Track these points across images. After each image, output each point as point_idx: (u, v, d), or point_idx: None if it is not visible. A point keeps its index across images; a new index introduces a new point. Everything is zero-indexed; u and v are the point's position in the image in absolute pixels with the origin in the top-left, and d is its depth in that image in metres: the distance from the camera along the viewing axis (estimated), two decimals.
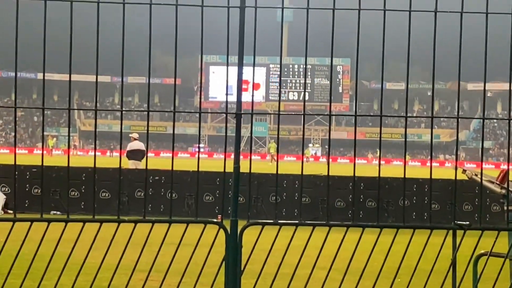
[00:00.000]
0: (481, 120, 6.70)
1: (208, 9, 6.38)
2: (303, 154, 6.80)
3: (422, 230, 7.10)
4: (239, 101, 6.44)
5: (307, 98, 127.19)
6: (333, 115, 6.66)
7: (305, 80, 5.96)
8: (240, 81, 6.39)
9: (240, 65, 6.39)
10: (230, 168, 6.95)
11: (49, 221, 6.60)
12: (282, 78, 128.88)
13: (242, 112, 6.46)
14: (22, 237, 6.69)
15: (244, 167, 7.02)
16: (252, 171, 7.34)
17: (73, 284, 6.87)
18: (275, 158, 76.98)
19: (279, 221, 6.74)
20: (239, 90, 6.42)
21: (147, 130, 7.13)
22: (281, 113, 6.64)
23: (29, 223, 6.76)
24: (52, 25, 6.52)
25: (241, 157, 6.87)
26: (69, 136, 7.14)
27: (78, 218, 6.65)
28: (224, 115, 6.48)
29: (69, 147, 6.97)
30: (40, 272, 6.79)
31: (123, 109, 6.69)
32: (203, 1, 6.34)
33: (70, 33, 6.19)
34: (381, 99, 6.72)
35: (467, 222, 7.04)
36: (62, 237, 6.70)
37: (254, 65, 6.43)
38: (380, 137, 6.46)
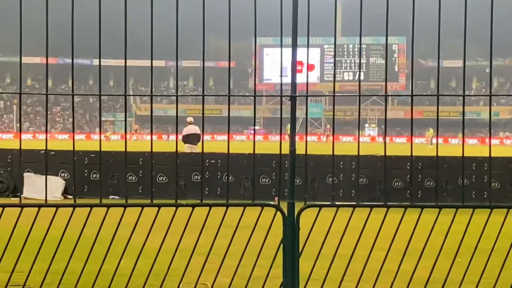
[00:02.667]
0: None
1: None
2: (359, 134, 6.75)
3: (482, 209, 7.01)
4: (293, 84, 6.41)
5: (362, 78, 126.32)
6: (388, 95, 6.58)
7: (359, 60, 5.78)
8: (294, 63, 6.36)
9: (294, 46, 6.35)
10: (285, 150, 6.94)
11: (108, 206, 6.68)
12: (336, 59, 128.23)
13: (297, 94, 6.43)
14: (81, 222, 6.78)
15: (300, 149, 7.00)
16: (308, 152, 7.32)
17: (133, 267, 6.95)
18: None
19: (336, 203, 6.71)
20: (294, 72, 6.38)
21: (203, 114, 7.15)
22: (336, 94, 6.58)
23: (88, 208, 6.85)
24: (107, 11, 6.56)
25: (297, 138, 6.86)
26: (125, 122, 7.19)
27: (136, 203, 6.71)
28: (276, 98, 6.46)
29: (126, 131, 7.03)
30: (101, 256, 6.88)
31: (178, 94, 6.71)
32: None
33: (125, 20, 6.24)
34: (438, 78, 6.62)
35: None
36: (122, 221, 6.78)
37: (308, 46, 6.39)
38: (438, 116, 6.37)
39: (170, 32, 6.62)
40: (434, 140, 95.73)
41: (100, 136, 6.45)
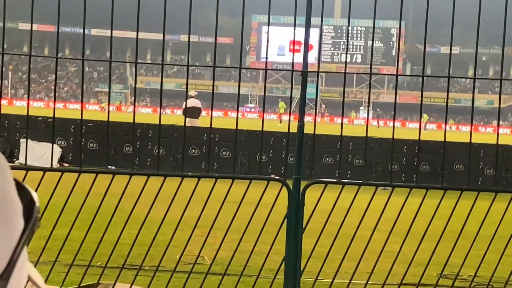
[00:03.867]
0: None
1: None
2: (368, 118, 6.74)
3: (472, 194, 7.04)
4: (305, 61, 6.39)
5: (359, 60, 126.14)
6: (400, 75, 6.57)
7: (347, 43, 5.74)
8: (307, 41, 6.33)
9: (308, 26, 6.33)
10: (273, 127, 6.92)
11: (114, 173, 6.67)
12: (334, 40, 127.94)
13: (308, 70, 6.41)
14: (82, 190, 6.75)
15: (294, 128, 6.96)
16: (305, 131, 7.29)
17: (135, 238, 6.95)
18: (280, 119, 75.52)
19: (343, 180, 6.72)
20: (306, 49, 6.36)
21: (187, 86, 7.11)
22: (347, 72, 6.57)
23: (87, 176, 6.83)
24: None
25: (292, 117, 6.83)
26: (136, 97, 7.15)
27: (143, 172, 6.71)
28: (274, 76, 6.44)
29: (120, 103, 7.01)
30: (104, 224, 6.87)
31: (164, 63, 6.68)
32: None
33: None
34: (450, 62, 6.61)
35: None
36: (124, 191, 6.76)
37: (321, 24, 6.36)
38: (448, 100, 6.37)
39: (168, 5, 6.57)
40: (428, 126, 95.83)
41: (108, 107, 6.42)
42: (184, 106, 27.07)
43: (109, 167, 21.24)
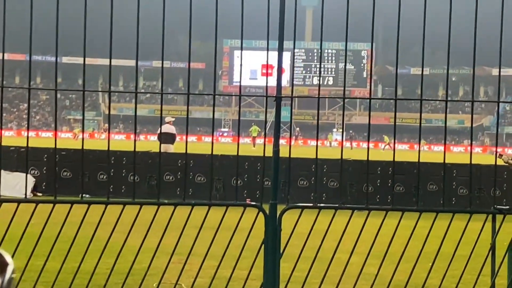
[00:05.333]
0: (506, 105, 6.61)
1: None
2: (343, 139, 6.76)
3: (448, 215, 7.07)
4: (279, 85, 6.41)
5: (331, 82, 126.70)
6: (373, 98, 6.61)
7: (320, 65, 5.75)
8: (280, 65, 6.35)
9: (280, 50, 6.36)
10: (247, 152, 6.92)
11: (89, 203, 6.63)
12: (306, 63, 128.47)
13: (282, 95, 6.42)
14: (54, 220, 6.69)
15: (268, 152, 6.95)
16: (280, 155, 7.29)
17: (112, 267, 6.90)
18: (254, 142, 75.65)
19: (319, 205, 6.73)
20: (279, 74, 6.38)
21: (160, 114, 7.10)
22: (321, 96, 6.59)
23: (67, 205, 6.78)
24: (80, 9, 6.51)
25: (260, 141, 6.84)
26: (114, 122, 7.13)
27: (118, 200, 6.67)
28: (247, 100, 6.45)
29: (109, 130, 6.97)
30: (80, 254, 6.82)
31: (137, 91, 6.68)
32: None
33: (110, 19, 6.19)
34: (422, 84, 6.66)
35: (507, 207, 6.99)
36: (98, 219, 6.72)
37: (294, 48, 6.39)
38: (420, 121, 6.41)
39: (141, 32, 6.57)
40: (400, 146, 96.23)
41: (83, 135, 6.39)
42: (159, 132, 27.02)
43: (84, 195, 21.10)
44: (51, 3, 6.57)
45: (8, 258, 1.36)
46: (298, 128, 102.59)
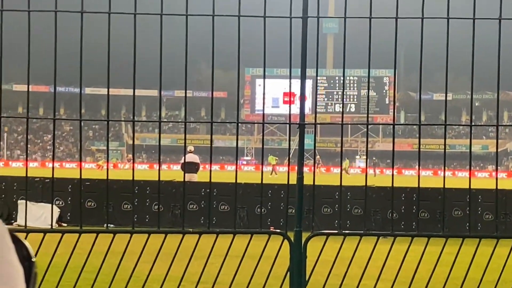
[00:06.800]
0: None
1: (250, 23, 6.34)
2: (367, 166, 6.75)
3: (474, 240, 7.01)
4: (302, 112, 6.42)
5: (353, 109, 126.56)
6: (397, 124, 6.60)
7: (343, 92, 5.77)
8: (303, 92, 6.36)
9: (303, 77, 6.37)
10: (268, 179, 6.91)
11: (114, 232, 6.64)
12: (327, 90, 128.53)
13: (305, 122, 6.43)
14: (79, 250, 6.71)
15: (290, 180, 6.95)
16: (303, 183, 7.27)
17: None
18: (276, 170, 75.72)
19: (344, 231, 6.70)
20: (302, 102, 6.39)
21: (185, 142, 7.13)
22: (344, 123, 6.59)
23: (91, 234, 6.80)
24: (103, 40, 6.57)
25: (280, 169, 6.83)
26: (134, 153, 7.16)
27: (143, 230, 6.68)
28: (270, 128, 6.45)
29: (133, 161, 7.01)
30: (106, 284, 6.82)
31: (161, 120, 6.70)
32: (265, 13, 6.32)
33: (133, 52, 6.24)
34: (445, 109, 6.65)
35: None
36: (118, 248, 6.73)
37: (317, 75, 6.40)
38: (445, 147, 6.39)
39: (163, 63, 6.60)
40: (424, 173, 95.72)
41: (107, 165, 6.42)
42: (182, 161, 27.09)
43: (111, 225, 21.16)
44: (73, 34, 6.64)
45: (30, 249, 1.38)
46: (318, 156, 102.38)
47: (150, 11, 6.46)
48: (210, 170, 6.79)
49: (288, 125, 6.53)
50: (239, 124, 6.61)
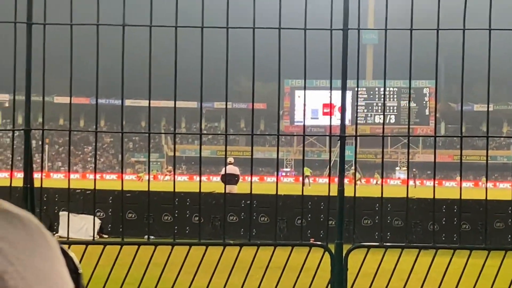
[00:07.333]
0: None
1: (287, 34, 6.34)
2: (408, 177, 6.71)
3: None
4: (343, 124, 6.41)
5: (393, 121, 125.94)
6: (438, 136, 6.56)
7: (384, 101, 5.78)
8: (344, 104, 6.36)
9: (344, 89, 6.36)
10: (308, 191, 6.89)
11: (155, 244, 6.68)
12: (367, 101, 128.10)
13: (346, 134, 6.42)
14: (120, 261, 6.74)
15: (331, 191, 6.92)
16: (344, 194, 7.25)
17: None
18: (310, 181, 75.54)
19: (385, 244, 6.67)
20: (343, 113, 6.38)
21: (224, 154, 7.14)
22: (385, 135, 6.57)
23: (133, 247, 6.84)
24: (144, 53, 6.62)
25: (319, 180, 6.82)
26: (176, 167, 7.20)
27: (185, 242, 6.71)
28: (309, 139, 6.44)
29: (148, 171, 7.04)
30: None
31: (202, 132, 6.72)
32: (305, 25, 6.32)
33: (174, 64, 6.28)
34: (488, 120, 6.60)
35: None
36: (157, 260, 6.75)
37: (357, 87, 6.40)
38: (487, 160, 6.33)
39: (204, 74, 6.63)
40: (465, 184, 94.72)
41: (148, 177, 6.46)
42: (222, 172, 27.13)
43: (151, 237, 21.22)
44: (113, 47, 6.70)
45: (77, 262, 1.40)
46: (358, 167, 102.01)
47: (190, 23, 6.50)
48: (251, 183, 6.80)
49: (328, 137, 6.52)
50: (297, 134, 6.61)
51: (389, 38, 6.69)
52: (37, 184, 7.33)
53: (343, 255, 6.70)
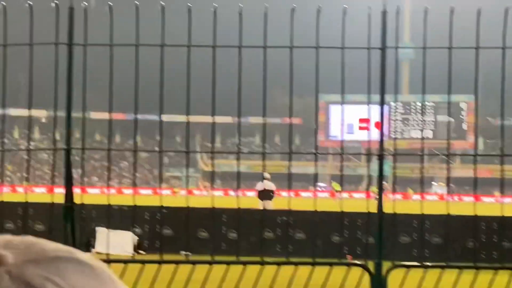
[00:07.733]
0: None
1: (324, 50, 6.31)
2: (448, 194, 6.61)
3: None
4: (381, 142, 6.35)
5: (430, 136, 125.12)
6: (478, 155, 6.48)
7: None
8: (382, 120, 6.29)
9: (382, 104, 6.30)
10: (345, 207, 6.83)
11: (194, 262, 6.66)
12: (404, 116, 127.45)
13: (385, 153, 6.36)
14: (149, 278, 6.74)
15: (358, 207, 6.87)
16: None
17: None
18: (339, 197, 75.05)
19: (425, 263, 6.58)
20: (382, 131, 6.32)
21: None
22: (424, 154, 6.49)
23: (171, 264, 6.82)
24: (181, 68, 6.64)
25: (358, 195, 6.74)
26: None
27: (223, 260, 6.68)
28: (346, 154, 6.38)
29: (186, 187, 7.02)
30: None
31: (241, 150, 6.69)
32: (343, 44, 6.30)
33: (213, 79, 6.27)
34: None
35: None
36: (193, 276, 6.73)
37: (395, 102, 6.32)
38: None
39: (235, 89, 6.63)
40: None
41: (187, 193, 6.44)
42: (258, 188, 27.11)
43: (186, 253, 21.20)
44: (146, 64, 6.72)
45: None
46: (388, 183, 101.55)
47: (228, 42, 6.51)
48: (289, 201, 6.76)
49: (367, 155, 6.47)
50: (313, 151, 6.56)
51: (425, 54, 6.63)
52: (75, 199, 7.35)
53: (382, 274, 6.62)
